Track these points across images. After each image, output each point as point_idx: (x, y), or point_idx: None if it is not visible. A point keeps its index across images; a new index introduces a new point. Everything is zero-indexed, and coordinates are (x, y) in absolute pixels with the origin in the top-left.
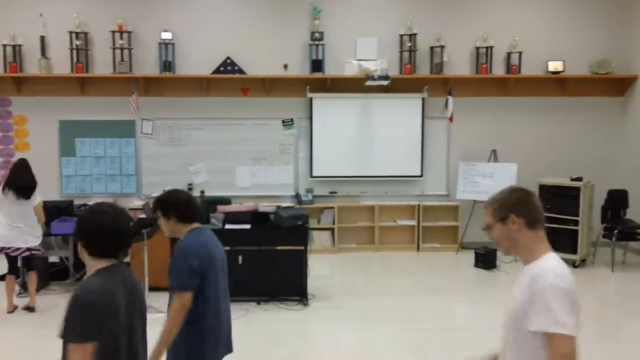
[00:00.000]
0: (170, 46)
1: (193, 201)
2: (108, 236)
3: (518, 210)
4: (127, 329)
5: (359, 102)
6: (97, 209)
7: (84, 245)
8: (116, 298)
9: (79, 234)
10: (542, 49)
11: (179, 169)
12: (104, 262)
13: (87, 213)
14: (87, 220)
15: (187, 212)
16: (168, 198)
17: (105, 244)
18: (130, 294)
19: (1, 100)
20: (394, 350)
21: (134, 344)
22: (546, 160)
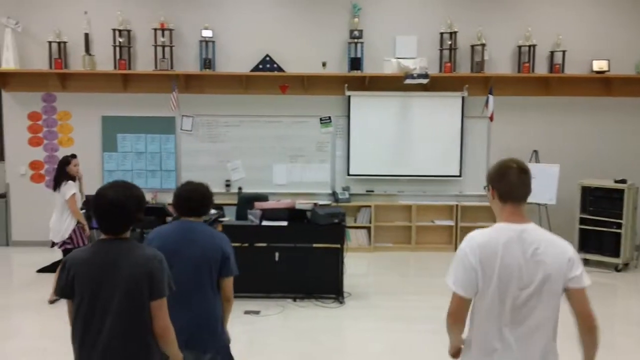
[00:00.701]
0: (210, 44)
1: (187, 195)
2: (96, 214)
3: (494, 182)
4: (90, 296)
5: (398, 101)
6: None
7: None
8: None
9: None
10: (586, 47)
11: (217, 165)
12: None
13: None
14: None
15: (178, 204)
16: (176, 189)
17: (99, 221)
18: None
19: (46, 96)
20: (429, 351)
21: (95, 312)
22: (589, 161)
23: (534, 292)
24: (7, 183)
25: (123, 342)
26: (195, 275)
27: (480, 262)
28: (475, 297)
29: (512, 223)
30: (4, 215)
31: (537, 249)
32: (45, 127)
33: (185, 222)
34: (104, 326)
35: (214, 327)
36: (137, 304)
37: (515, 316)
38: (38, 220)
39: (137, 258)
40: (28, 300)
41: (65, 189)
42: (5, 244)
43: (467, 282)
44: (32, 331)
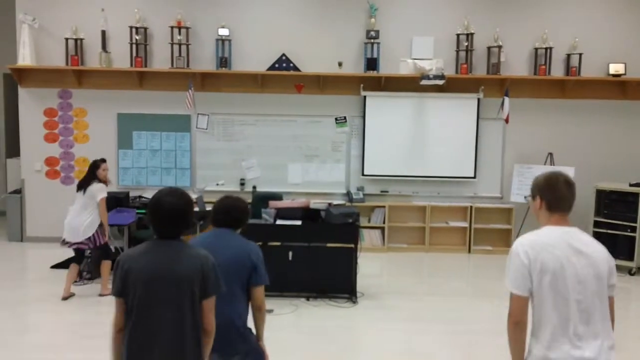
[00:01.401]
0: (226, 42)
1: (226, 209)
2: (157, 220)
3: (543, 193)
4: (144, 290)
5: (413, 102)
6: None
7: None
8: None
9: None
10: (602, 50)
11: (232, 164)
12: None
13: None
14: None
15: (217, 218)
16: (215, 203)
17: (159, 227)
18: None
19: (63, 93)
20: (442, 352)
21: (150, 307)
22: (604, 164)
23: (592, 288)
24: (23, 179)
25: (176, 338)
26: (226, 279)
27: (533, 260)
28: (535, 301)
29: (558, 226)
30: (18, 210)
31: (584, 246)
32: (61, 124)
33: (221, 230)
34: (159, 321)
35: (242, 330)
36: (191, 301)
37: (581, 316)
38: (53, 216)
39: (192, 256)
40: (42, 295)
41: (96, 190)
42: (20, 240)
43: (520, 280)
44: (46, 327)
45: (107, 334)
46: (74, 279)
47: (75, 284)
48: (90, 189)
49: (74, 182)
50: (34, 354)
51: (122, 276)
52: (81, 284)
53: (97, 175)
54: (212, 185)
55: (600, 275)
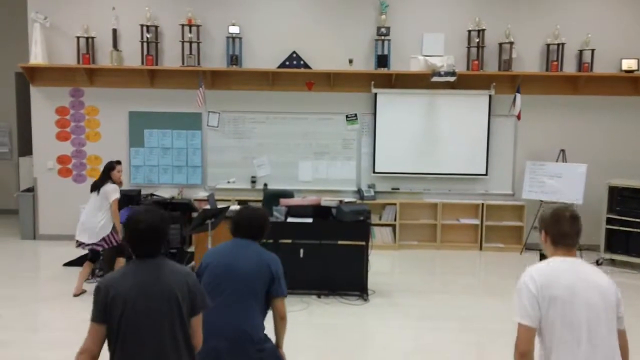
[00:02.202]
0: (237, 40)
1: (248, 222)
2: (134, 240)
3: (548, 227)
4: (132, 312)
5: (424, 99)
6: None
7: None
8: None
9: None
10: (615, 46)
11: (243, 161)
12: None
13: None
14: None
15: (238, 229)
16: (236, 214)
17: (137, 246)
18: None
19: (74, 91)
20: (453, 349)
21: (139, 327)
22: (617, 161)
23: (602, 316)
24: (35, 177)
25: (170, 355)
26: (244, 289)
27: (541, 288)
28: (544, 330)
29: (564, 257)
30: (31, 209)
31: (592, 276)
32: (72, 122)
33: (241, 240)
34: (151, 340)
35: (258, 340)
36: (180, 317)
37: (593, 343)
38: (65, 214)
39: (175, 273)
40: (55, 293)
41: (110, 191)
42: (33, 238)
43: (530, 310)
44: (59, 324)
45: None
46: (86, 277)
47: (87, 281)
48: (104, 189)
49: (86, 180)
50: (46, 351)
51: (105, 302)
52: (94, 282)
53: (112, 176)
54: (223, 183)
55: (610, 304)
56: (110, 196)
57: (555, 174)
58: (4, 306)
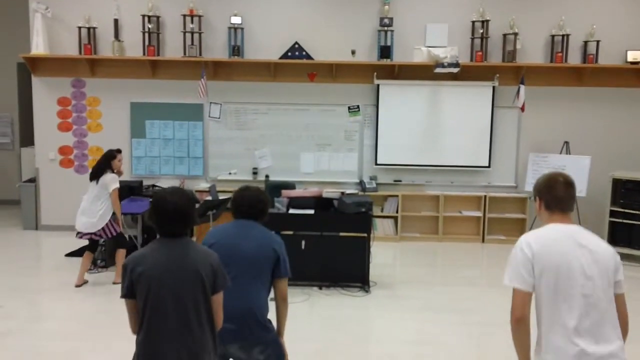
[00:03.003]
0: (239, 31)
1: (249, 202)
2: (160, 219)
3: (542, 194)
4: (157, 289)
5: (427, 90)
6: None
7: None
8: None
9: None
10: (621, 38)
11: (245, 153)
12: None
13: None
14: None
15: (239, 209)
16: (236, 194)
17: (161, 226)
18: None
19: (76, 82)
20: (454, 341)
21: (165, 303)
22: (621, 153)
23: (598, 283)
24: (37, 168)
25: (194, 332)
26: (249, 269)
27: (537, 254)
28: (540, 297)
29: (560, 224)
30: (33, 199)
31: (589, 243)
32: (74, 113)
33: (243, 221)
34: (174, 317)
35: (263, 320)
36: (204, 294)
37: (588, 310)
38: (67, 204)
39: (199, 252)
40: (57, 283)
41: (109, 180)
42: (35, 228)
43: (524, 274)
44: (61, 314)
45: (121, 322)
46: (87, 267)
47: (89, 272)
48: (103, 178)
49: (88, 171)
50: (49, 341)
51: (131, 278)
52: (95, 272)
53: (112, 165)
54: (224, 174)
55: (607, 271)
56: (109, 186)
57: (559, 166)
58: (6, 296)
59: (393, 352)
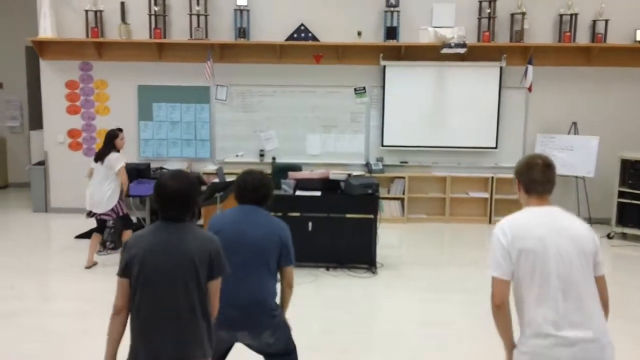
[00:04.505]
0: (245, 13)
1: (253, 187)
2: (161, 203)
3: (521, 176)
4: (151, 272)
5: (434, 71)
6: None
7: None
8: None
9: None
10: (630, 16)
11: (251, 135)
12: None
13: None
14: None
15: (242, 195)
16: (239, 179)
17: (162, 209)
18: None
19: (83, 65)
20: (462, 321)
21: (157, 288)
22: (630, 134)
23: (575, 264)
24: (46, 151)
25: (182, 317)
26: (256, 256)
27: (512, 241)
28: (517, 281)
29: (539, 207)
30: (42, 182)
31: (566, 224)
32: (82, 96)
33: (248, 207)
34: (163, 300)
35: (270, 305)
36: (196, 280)
37: (565, 293)
38: (76, 187)
39: (198, 238)
40: (66, 265)
41: (114, 160)
42: (44, 210)
43: (502, 263)
44: (71, 294)
45: None
46: (96, 248)
47: (99, 253)
48: (108, 159)
49: None
50: (58, 320)
51: (126, 257)
52: (105, 254)
53: (115, 144)
54: (231, 156)
55: (585, 252)
56: (115, 165)
57: (567, 146)
58: (17, 277)
59: (400, 332)
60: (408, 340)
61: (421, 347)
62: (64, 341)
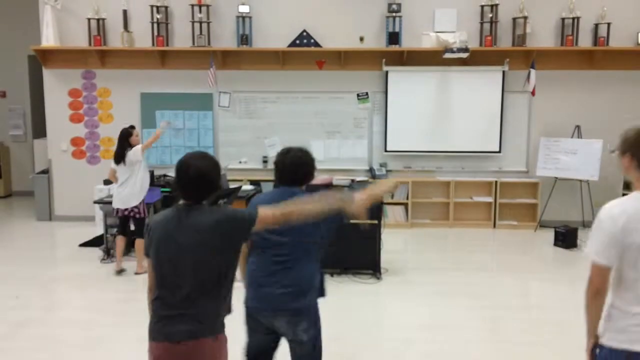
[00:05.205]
0: (247, 19)
1: (288, 163)
2: (182, 183)
3: (634, 149)
4: (158, 257)
5: (436, 76)
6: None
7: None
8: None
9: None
10: (632, 20)
11: (254, 141)
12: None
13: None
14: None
15: (279, 174)
16: (278, 157)
17: (184, 190)
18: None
19: (86, 73)
20: (467, 326)
21: (175, 265)
22: None
23: None
24: (50, 159)
25: (190, 303)
26: (300, 243)
27: (622, 229)
28: (620, 273)
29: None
30: (46, 190)
31: None
32: (85, 104)
33: (287, 188)
34: (171, 286)
35: (312, 297)
36: (212, 259)
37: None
38: (80, 195)
39: (211, 214)
40: (71, 273)
41: (132, 154)
42: (48, 219)
43: (608, 248)
44: (77, 303)
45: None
46: (122, 251)
47: (103, 262)
48: (128, 156)
49: (100, 161)
50: (65, 328)
51: (147, 238)
52: (109, 262)
53: (131, 142)
54: (235, 163)
55: None
56: (136, 155)
57: (571, 150)
58: (21, 286)
59: (406, 338)
60: (415, 346)
61: (428, 352)
62: (71, 350)
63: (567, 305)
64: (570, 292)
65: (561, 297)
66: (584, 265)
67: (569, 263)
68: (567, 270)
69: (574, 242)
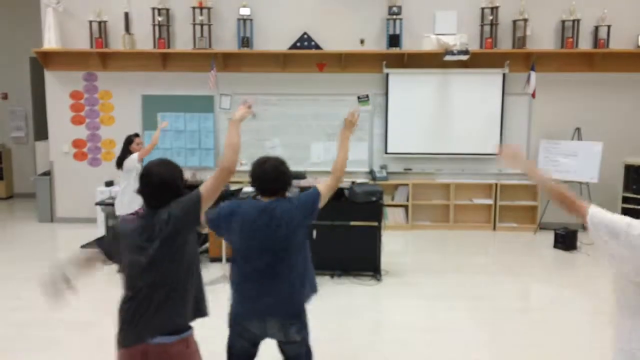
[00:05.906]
0: (248, 22)
1: (266, 174)
2: (146, 191)
3: None
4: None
5: (437, 78)
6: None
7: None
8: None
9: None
10: (632, 22)
11: (255, 143)
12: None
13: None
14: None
15: (259, 184)
16: (255, 167)
17: (148, 198)
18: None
19: (88, 75)
20: (467, 328)
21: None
22: (633, 139)
23: None
24: (51, 161)
25: (161, 293)
26: (289, 255)
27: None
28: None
29: None
30: (48, 192)
31: None
32: (87, 106)
33: (267, 202)
34: (145, 280)
35: (303, 298)
36: (174, 250)
37: None
38: (81, 197)
39: (164, 212)
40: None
41: (129, 162)
42: (50, 221)
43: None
44: (79, 304)
45: None
46: None
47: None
48: (125, 163)
49: (101, 163)
50: (67, 329)
51: (114, 246)
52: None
53: (131, 149)
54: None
55: None
56: (129, 165)
57: (571, 152)
58: (24, 288)
59: (406, 340)
60: (414, 348)
61: (428, 354)
62: (73, 352)
63: (567, 307)
64: (570, 295)
65: (561, 300)
66: (584, 267)
67: (569, 265)
68: (566, 272)
69: (574, 245)
